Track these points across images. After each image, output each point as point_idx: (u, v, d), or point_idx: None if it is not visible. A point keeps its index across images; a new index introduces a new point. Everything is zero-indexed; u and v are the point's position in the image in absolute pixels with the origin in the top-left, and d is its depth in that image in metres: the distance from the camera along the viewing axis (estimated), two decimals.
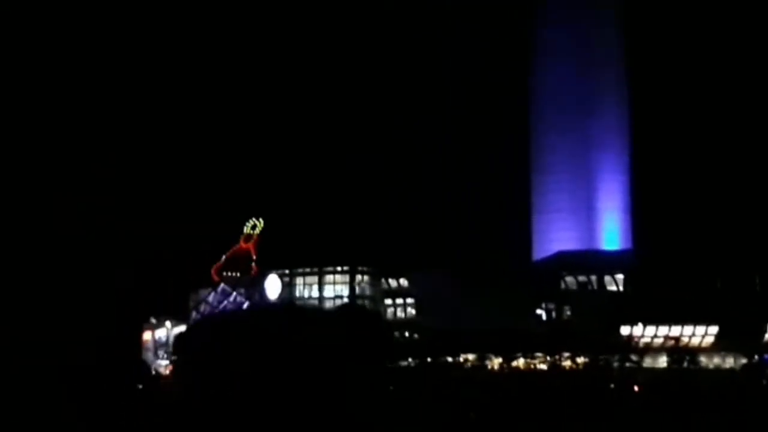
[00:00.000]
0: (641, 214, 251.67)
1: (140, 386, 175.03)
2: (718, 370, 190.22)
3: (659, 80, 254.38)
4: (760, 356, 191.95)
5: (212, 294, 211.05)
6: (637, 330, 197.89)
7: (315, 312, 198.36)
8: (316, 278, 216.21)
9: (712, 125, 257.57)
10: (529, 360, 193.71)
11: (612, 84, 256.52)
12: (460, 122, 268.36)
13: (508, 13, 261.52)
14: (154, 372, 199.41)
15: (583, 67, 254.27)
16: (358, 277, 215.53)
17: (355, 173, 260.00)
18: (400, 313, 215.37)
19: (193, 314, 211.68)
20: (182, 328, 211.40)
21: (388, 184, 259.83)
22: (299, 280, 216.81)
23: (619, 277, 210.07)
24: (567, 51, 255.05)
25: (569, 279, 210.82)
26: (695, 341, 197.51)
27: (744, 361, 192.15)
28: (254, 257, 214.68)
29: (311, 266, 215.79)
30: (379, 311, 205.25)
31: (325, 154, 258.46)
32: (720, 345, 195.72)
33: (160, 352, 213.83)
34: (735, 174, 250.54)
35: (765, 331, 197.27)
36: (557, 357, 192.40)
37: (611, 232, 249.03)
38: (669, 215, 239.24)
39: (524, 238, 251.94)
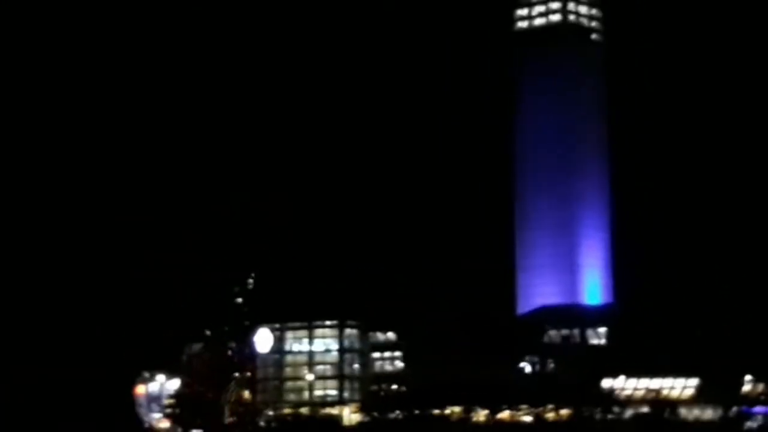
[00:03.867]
0: (622, 269, 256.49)
1: None
2: (697, 422, 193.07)
3: (639, 139, 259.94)
4: (739, 408, 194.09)
5: (203, 348, 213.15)
6: (619, 382, 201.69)
7: None
8: (306, 332, 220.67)
9: (690, 184, 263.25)
10: (513, 412, 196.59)
11: (593, 142, 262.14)
12: (445, 179, 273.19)
13: (490, 73, 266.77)
14: (147, 426, 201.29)
15: (565, 125, 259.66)
16: (347, 330, 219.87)
17: (343, 229, 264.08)
18: (387, 366, 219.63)
19: (185, 368, 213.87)
20: (176, 381, 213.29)
21: (376, 240, 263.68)
22: (290, 334, 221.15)
23: (601, 330, 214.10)
24: (549, 109, 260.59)
25: (552, 332, 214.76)
26: (675, 393, 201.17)
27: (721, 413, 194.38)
28: (245, 311, 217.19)
29: (301, 320, 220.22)
30: None
31: (315, 210, 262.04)
32: (700, 397, 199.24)
33: (153, 406, 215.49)
34: (713, 229, 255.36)
35: (743, 384, 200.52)
36: (542, 409, 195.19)
37: (593, 287, 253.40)
38: (649, 270, 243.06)
39: (508, 292, 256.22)
